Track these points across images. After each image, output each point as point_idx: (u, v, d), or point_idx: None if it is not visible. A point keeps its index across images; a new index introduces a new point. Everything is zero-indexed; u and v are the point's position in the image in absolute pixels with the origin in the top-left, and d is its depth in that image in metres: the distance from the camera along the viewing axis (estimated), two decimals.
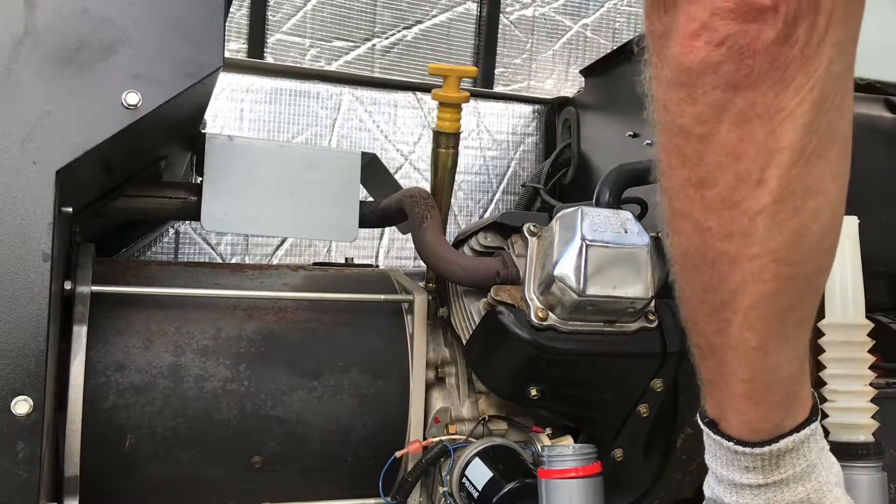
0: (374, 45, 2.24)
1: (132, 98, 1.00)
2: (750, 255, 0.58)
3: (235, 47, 2.09)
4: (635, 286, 1.12)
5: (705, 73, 0.54)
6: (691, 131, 0.56)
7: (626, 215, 1.15)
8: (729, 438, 0.67)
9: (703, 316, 0.63)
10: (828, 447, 0.71)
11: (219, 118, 1.97)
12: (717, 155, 0.56)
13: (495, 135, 2.27)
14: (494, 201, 2.26)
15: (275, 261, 2.01)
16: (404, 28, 2.27)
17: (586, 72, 2.17)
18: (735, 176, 0.56)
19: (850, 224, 0.81)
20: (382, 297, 1.31)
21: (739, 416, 0.66)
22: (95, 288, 1.14)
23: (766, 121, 0.55)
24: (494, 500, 1.15)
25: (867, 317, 0.86)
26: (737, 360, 0.63)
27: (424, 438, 1.26)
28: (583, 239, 1.09)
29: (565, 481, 1.10)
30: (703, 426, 0.70)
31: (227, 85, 1.98)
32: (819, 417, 0.69)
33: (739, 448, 0.66)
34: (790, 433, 0.66)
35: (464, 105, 1.33)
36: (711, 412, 0.69)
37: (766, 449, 0.66)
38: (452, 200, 1.42)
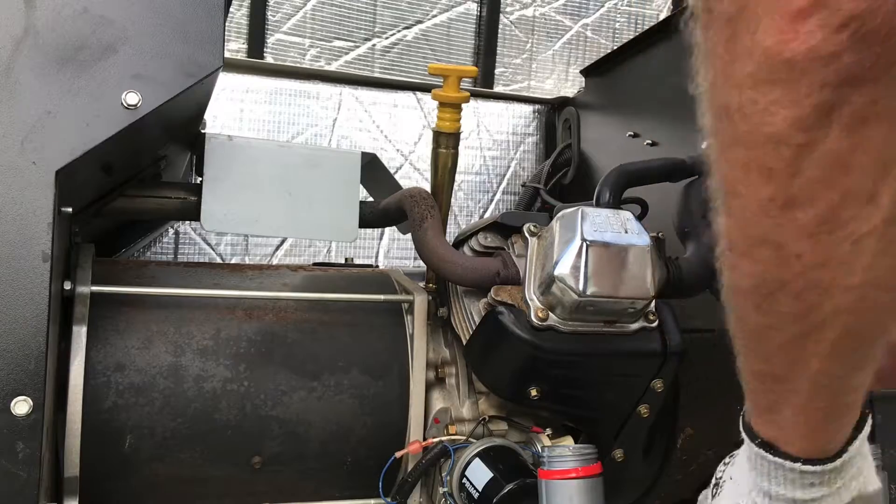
0: (374, 45, 2.24)
1: (132, 98, 1.00)
2: (847, 286, 0.50)
3: (235, 47, 2.09)
4: (636, 286, 1.11)
5: (813, 67, 0.43)
6: (786, 140, 0.45)
7: (626, 215, 1.15)
8: (794, 459, 0.61)
9: (774, 347, 0.56)
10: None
11: (219, 118, 1.96)
12: (818, 168, 0.46)
13: (495, 135, 2.27)
14: (494, 201, 2.26)
15: (275, 261, 2.01)
16: (404, 28, 2.26)
17: (586, 72, 2.17)
18: (840, 193, 0.46)
19: None
20: (382, 297, 1.31)
21: (808, 440, 0.61)
22: (95, 288, 1.14)
23: (889, 123, 0.45)
24: (495, 500, 1.14)
25: None
26: (814, 390, 0.57)
27: (424, 439, 1.26)
28: (583, 239, 1.09)
29: (565, 482, 1.10)
30: (756, 449, 0.63)
31: (227, 85, 1.98)
32: (871, 413, 0.66)
33: (808, 467, 0.62)
34: (852, 440, 0.63)
35: (464, 105, 1.33)
36: (767, 434, 0.63)
37: (834, 464, 0.62)
38: (452, 200, 1.42)
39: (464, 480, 1.21)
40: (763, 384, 0.60)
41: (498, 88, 2.34)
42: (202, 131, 1.41)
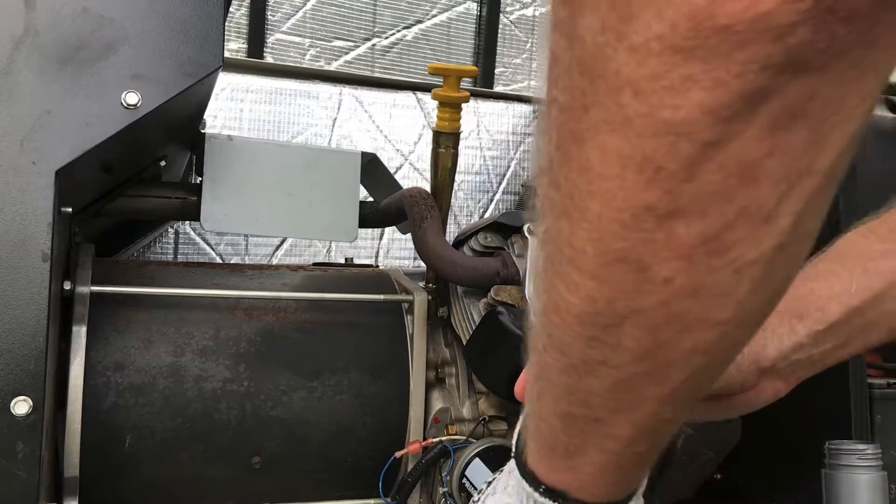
0: (373, 44, 2.24)
1: (132, 98, 1.00)
2: (715, 322, 0.40)
3: (235, 47, 2.09)
4: None
5: (757, 40, 0.32)
6: (691, 133, 0.34)
7: None
8: None
9: (601, 388, 0.45)
10: None
11: (219, 118, 1.96)
12: (721, 174, 0.35)
13: (495, 135, 2.27)
14: (494, 201, 2.26)
15: (275, 261, 2.01)
16: (404, 28, 2.26)
17: None
18: (738, 209, 0.37)
19: None
20: (382, 297, 1.31)
21: (614, 486, 0.52)
22: (95, 288, 1.14)
23: (815, 126, 0.35)
24: None
25: None
26: (639, 436, 0.48)
27: (424, 439, 1.26)
28: None
29: None
30: (540, 498, 0.53)
31: (227, 85, 1.98)
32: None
33: None
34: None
35: (464, 105, 1.33)
36: (556, 480, 0.52)
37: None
38: (452, 200, 1.42)
39: (464, 480, 1.21)
40: (572, 426, 0.48)
41: (498, 88, 2.34)
42: (202, 131, 1.41)
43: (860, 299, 0.76)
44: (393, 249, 2.12)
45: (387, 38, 2.25)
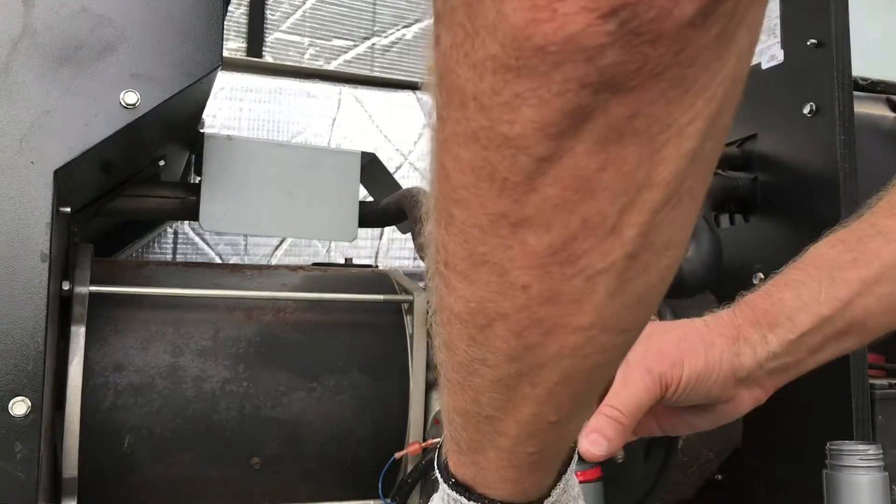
0: (373, 44, 2.23)
1: (130, 97, 1.00)
2: (575, 326, 0.43)
3: (234, 46, 2.08)
4: None
5: (571, 61, 0.33)
6: (527, 147, 0.36)
7: None
8: (491, 502, 0.55)
9: (485, 385, 0.48)
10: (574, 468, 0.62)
11: (218, 117, 1.96)
12: (559, 187, 0.37)
13: None
14: None
15: (274, 261, 2.01)
16: (404, 27, 2.26)
17: None
18: (581, 220, 0.38)
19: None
20: (382, 297, 1.31)
21: (512, 484, 0.54)
22: (94, 288, 1.13)
23: (645, 141, 0.36)
24: None
25: None
26: (526, 435, 0.50)
27: (424, 440, 1.26)
28: None
29: None
30: (449, 491, 0.56)
31: (226, 84, 1.98)
32: (576, 449, 0.60)
33: None
34: (558, 479, 0.57)
35: None
36: (464, 475, 0.55)
37: None
38: None
39: None
40: (469, 422, 0.52)
41: None
42: (201, 131, 1.41)
43: (829, 308, 0.80)
44: (393, 249, 2.12)
45: (386, 37, 2.25)
